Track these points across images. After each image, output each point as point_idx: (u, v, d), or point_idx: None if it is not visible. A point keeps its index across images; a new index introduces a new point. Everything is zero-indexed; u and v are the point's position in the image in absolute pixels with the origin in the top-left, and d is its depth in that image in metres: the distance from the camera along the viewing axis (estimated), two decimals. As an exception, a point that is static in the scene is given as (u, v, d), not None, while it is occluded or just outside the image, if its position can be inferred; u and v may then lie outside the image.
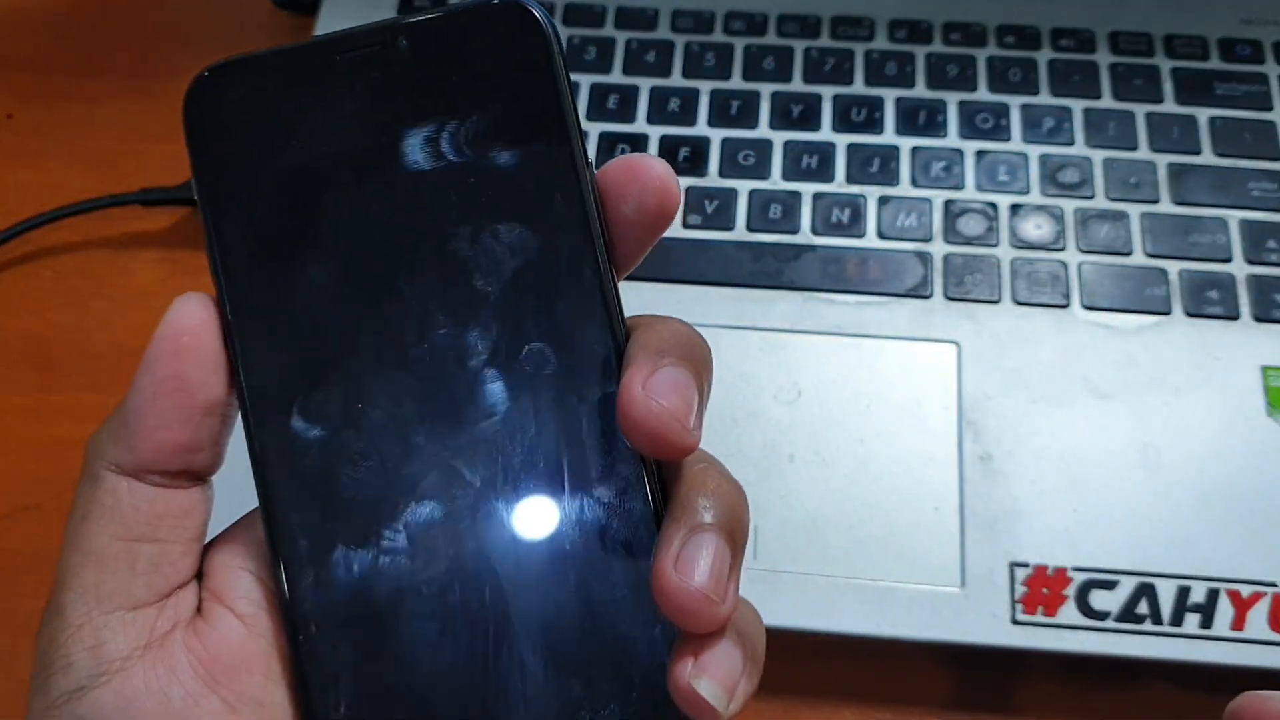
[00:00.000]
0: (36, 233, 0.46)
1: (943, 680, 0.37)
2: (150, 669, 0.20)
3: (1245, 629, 0.34)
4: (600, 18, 0.47)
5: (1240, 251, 0.41)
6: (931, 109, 0.45)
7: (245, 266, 0.21)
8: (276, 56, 0.22)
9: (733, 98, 0.45)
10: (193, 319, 0.21)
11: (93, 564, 0.20)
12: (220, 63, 0.22)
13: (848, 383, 0.39)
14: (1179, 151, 0.43)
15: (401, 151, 0.22)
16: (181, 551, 0.21)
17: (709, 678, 0.19)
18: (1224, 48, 0.46)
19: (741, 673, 0.19)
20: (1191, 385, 0.38)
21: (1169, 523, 0.36)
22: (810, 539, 0.36)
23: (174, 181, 0.46)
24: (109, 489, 0.20)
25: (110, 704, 0.19)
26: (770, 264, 0.41)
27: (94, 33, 0.53)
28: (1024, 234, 0.42)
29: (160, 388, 0.20)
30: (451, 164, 0.21)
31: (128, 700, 0.20)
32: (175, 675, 0.20)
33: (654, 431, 0.19)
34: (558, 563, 0.21)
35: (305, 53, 0.22)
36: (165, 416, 0.20)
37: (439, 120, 0.22)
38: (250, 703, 0.21)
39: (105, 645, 0.20)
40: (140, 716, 0.20)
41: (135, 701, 0.20)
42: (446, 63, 0.22)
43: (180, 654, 0.20)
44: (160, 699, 0.20)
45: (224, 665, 0.20)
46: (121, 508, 0.20)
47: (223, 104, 0.22)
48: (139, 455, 0.20)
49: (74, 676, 0.20)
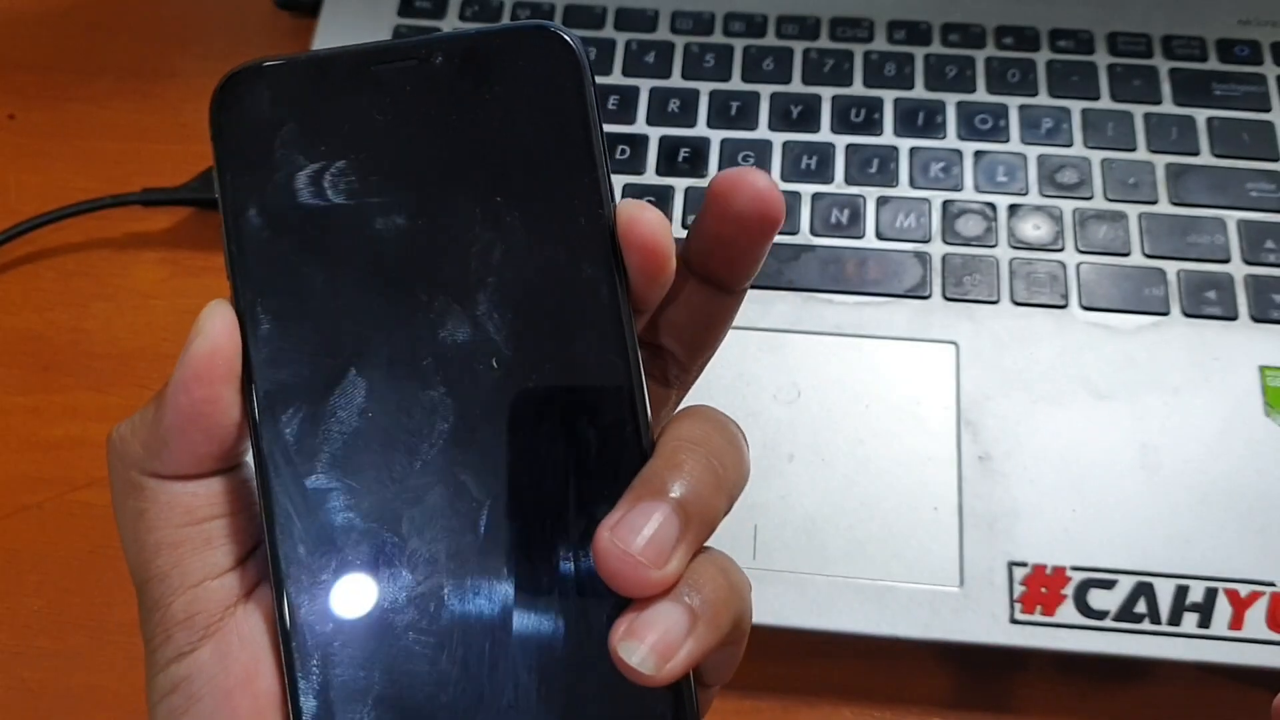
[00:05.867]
0: (38, 233, 0.46)
1: (941, 679, 0.37)
2: (244, 621, 0.21)
3: (1243, 628, 0.34)
4: (600, 19, 0.47)
5: (1238, 252, 0.41)
6: (930, 110, 0.45)
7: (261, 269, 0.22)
8: (310, 61, 0.22)
9: (732, 98, 0.45)
10: (224, 337, 0.21)
11: (166, 550, 0.21)
12: (251, 63, 0.22)
13: (847, 383, 0.39)
14: (1177, 152, 0.43)
15: (427, 166, 0.22)
16: (249, 517, 0.22)
17: (636, 640, 0.19)
18: (1222, 48, 0.46)
19: (685, 635, 0.19)
20: (1190, 385, 0.38)
21: (1167, 522, 0.36)
22: (809, 538, 0.36)
23: (175, 182, 0.46)
24: (155, 491, 0.21)
25: (208, 659, 0.21)
26: (770, 264, 0.41)
27: (94, 33, 0.53)
28: (1022, 234, 0.42)
29: (197, 409, 0.21)
30: (476, 183, 0.22)
31: (223, 654, 0.21)
32: (264, 624, 0.22)
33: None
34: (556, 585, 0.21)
35: (340, 60, 0.22)
36: (202, 435, 0.21)
37: (468, 138, 0.22)
38: None
39: (197, 615, 0.21)
40: (235, 666, 0.21)
41: (231, 653, 0.21)
42: (480, 82, 0.22)
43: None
44: (254, 647, 0.21)
45: None
46: (176, 502, 0.21)
47: (251, 105, 0.22)
48: (179, 468, 0.21)
49: (175, 646, 0.21)
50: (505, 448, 0.21)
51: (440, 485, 0.21)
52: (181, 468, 0.21)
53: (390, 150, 0.22)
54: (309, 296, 0.21)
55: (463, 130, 0.22)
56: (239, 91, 0.22)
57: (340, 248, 0.21)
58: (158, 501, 0.21)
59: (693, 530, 0.20)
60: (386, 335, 0.21)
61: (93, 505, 0.41)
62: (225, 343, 0.21)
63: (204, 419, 0.21)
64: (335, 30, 0.47)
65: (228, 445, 0.21)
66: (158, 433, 0.21)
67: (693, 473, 0.20)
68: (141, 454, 0.21)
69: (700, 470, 0.20)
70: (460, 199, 0.21)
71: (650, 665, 0.19)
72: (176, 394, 0.21)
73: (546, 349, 0.21)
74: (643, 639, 0.19)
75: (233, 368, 0.21)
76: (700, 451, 0.21)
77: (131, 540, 0.22)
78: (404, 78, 0.22)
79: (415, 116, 0.22)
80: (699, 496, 0.20)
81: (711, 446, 0.21)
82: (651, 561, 0.19)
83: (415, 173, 0.22)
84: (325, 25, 0.48)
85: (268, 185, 0.22)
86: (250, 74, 0.22)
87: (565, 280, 0.21)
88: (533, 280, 0.21)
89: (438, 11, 0.48)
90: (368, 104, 0.22)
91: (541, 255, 0.21)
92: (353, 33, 0.47)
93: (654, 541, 0.19)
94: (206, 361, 0.21)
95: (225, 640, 0.21)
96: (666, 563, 0.19)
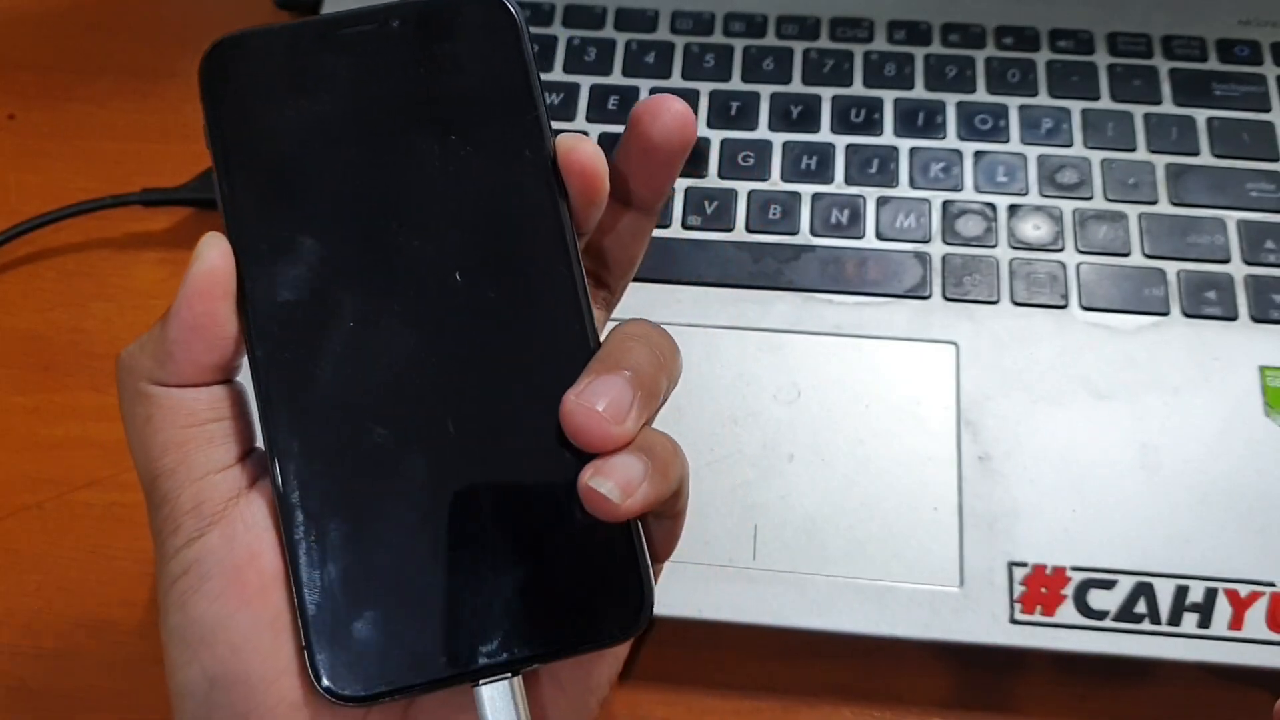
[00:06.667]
0: (38, 233, 0.46)
1: (941, 679, 0.37)
2: (246, 508, 0.24)
3: (1243, 629, 0.34)
4: (600, 19, 0.48)
5: (1238, 252, 0.41)
6: (930, 110, 0.45)
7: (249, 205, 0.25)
8: (285, 28, 0.25)
9: (732, 99, 0.45)
10: (221, 261, 0.24)
11: (173, 449, 0.24)
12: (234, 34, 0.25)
13: (847, 383, 0.39)
14: (1177, 152, 0.43)
15: (389, 114, 0.25)
16: (247, 422, 0.25)
17: (604, 476, 0.22)
18: (1222, 49, 0.46)
19: (642, 478, 0.23)
20: (1190, 385, 0.38)
21: (1167, 522, 0.36)
22: (809, 538, 0.36)
23: (175, 182, 0.46)
24: (161, 396, 0.24)
25: (216, 543, 0.23)
26: (770, 264, 0.41)
27: (94, 33, 0.53)
28: (1022, 235, 0.42)
29: (199, 321, 0.23)
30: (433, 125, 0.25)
31: (229, 537, 0.23)
32: (267, 512, 0.24)
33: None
34: (527, 458, 0.24)
35: (310, 27, 0.25)
36: (203, 345, 0.24)
37: (424, 88, 0.25)
38: None
39: (204, 503, 0.24)
40: (240, 547, 0.23)
41: (236, 535, 0.23)
42: (432, 40, 0.25)
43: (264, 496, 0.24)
44: (258, 529, 0.24)
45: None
46: (181, 406, 0.24)
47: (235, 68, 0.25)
48: (183, 376, 0.24)
49: (184, 534, 0.23)
50: (473, 345, 0.24)
51: (415, 377, 0.24)
52: (185, 376, 0.24)
53: (357, 101, 0.25)
54: (292, 227, 0.24)
55: (419, 82, 0.25)
56: (224, 56, 0.25)
57: (317, 185, 0.25)
58: (164, 407, 0.24)
59: (642, 397, 0.23)
60: (361, 257, 0.24)
61: (93, 505, 0.41)
62: (221, 265, 0.24)
63: (205, 330, 0.23)
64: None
65: (227, 356, 0.24)
66: (164, 345, 0.24)
67: (639, 354, 0.24)
68: (149, 365, 0.24)
69: (644, 353, 0.24)
70: (419, 140, 0.25)
71: (616, 495, 0.22)
72: (180, 309, 0.23)
73: (504, 261, 0.24)
74: (609, 476, 0.22)
75: (228, 287, 0.24)
76: (642, 341, 0.25)
77: (139, 445, 0.24)
78: (366, 40, 0.25)
79: (378, 71, 0.25)
80: (645, 372, 0.24)
81: (650, 339, 0.25)
82: (612, 419, 0.23)
83: (379, 119, 0.25)
84: (325, 25, 0.48)
85: (252, 134, 0.25)
86: (234, 41, 0.25)
87: (516, 202, 0.25)
88: (488, 204, 0.25)
89: (438, 11, 0.48)
90: (336, 62, 0.25)
91: (495, 182, 0.25)
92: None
93: (613, 403, 0.23)
94: (206, 281, 0.23)
95: (230, 525, 0.23)
96: (624, 420, 0.23)
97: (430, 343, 0.24)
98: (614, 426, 0.23)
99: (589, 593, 0.24)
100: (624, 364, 0.24)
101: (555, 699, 0.26)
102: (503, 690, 0.24)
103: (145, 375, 0.24)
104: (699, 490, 0.37)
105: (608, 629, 0.24)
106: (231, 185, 0.24)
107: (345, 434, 0.24)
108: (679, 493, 0.25)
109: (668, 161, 0.26)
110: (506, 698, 0.24)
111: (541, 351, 0.24)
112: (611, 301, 0.29)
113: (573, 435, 0.23)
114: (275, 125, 0.25)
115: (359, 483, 0.24)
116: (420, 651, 0.23)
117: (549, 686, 0.26)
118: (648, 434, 0.24)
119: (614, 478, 0.23)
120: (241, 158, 0.25)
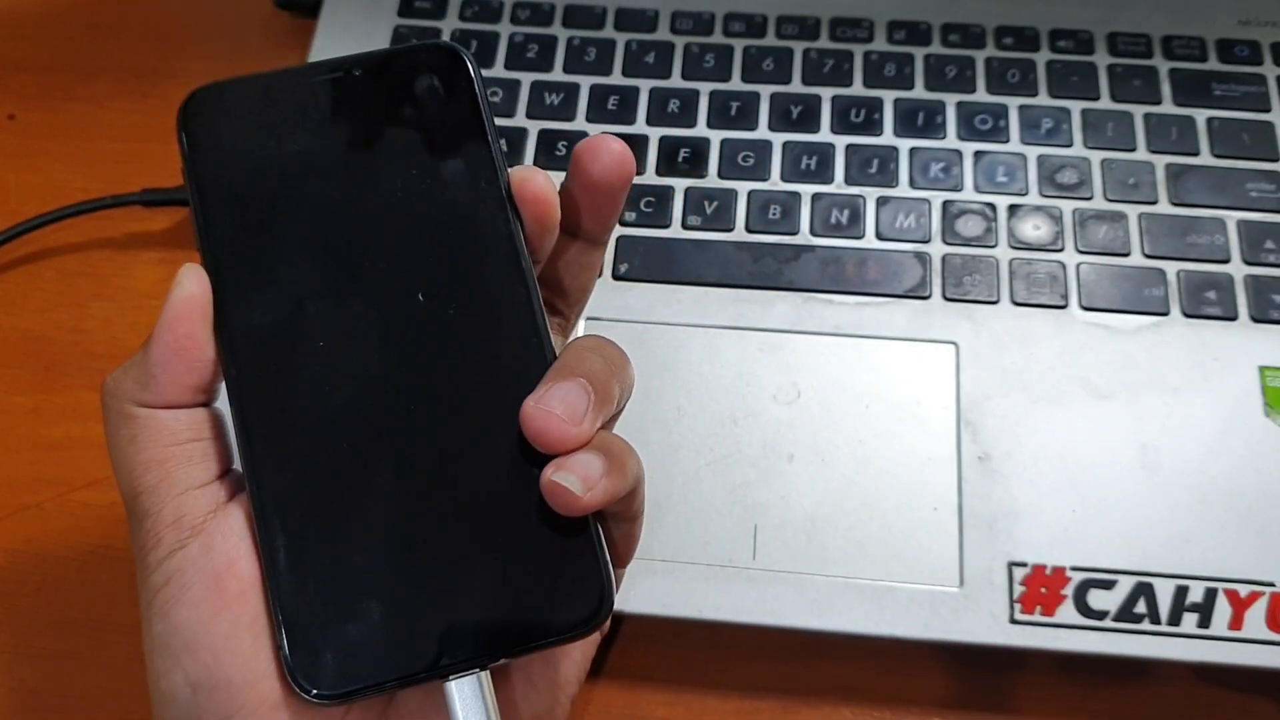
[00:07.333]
0: (38, 233, 0.46)
1: (941, 679, 0.37)
2: (225, 520, 0.25)
3: (1243, 629, 0.34)
4: (600, 19, 0.48)
5: (1238, 252, 0.41)
6: (930, 110, 0.45)
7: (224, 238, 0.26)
8: (257, 78, 0.27)
9: (732, 99, 0.45)
10: (198, 288, 0.25)
11: (155, 467, 0.25)
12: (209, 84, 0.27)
13: (847, 383, 0.39)
14: (1177, 152, 0.43)
15: (354, 152, 0.27)
16: (225, 443, 0.26)
17: (566, 470, 0.24)
18: (1222, 49, 0.46)
19: (601, 474, 0.24)
20: (1189, 385, 0.38)
21: (1167, 522, 0.36)
22: (809, 539, 0.36)
23: (175, 182, 0.46)
24: (145, 417, 0.25)
25: (195, 553, 0.24)
26: (769, 264, 0.41)
27: (94, 33, 0.53)
28: (1022, 235, 0.42)
29: (180, 344, 0.25)
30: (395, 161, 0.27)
31: (208, 547, 0.25)
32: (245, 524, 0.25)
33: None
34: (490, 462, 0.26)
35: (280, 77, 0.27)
36: (183, 366, 0.25)
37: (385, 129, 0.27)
38: None
39: (184, 517, 0.25)
40: (220, 555, 0.24)
41: (215, 545, 0.25)
42: (392, 87, 0.27)
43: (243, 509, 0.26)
44: (235, 539, 0.25)
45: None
46: (163, 426, 0.25)
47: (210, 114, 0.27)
48: (165, 397, 0.25)
49: (165, 546, 0.25)
50: (436, 361, 0.26)
51: (383, 392, 0.26)
52: (167, 397, 0.25)
53: (324, 141, 0.27)
54: (264, 258, 0.26)
55: (381, 123, 0.27)
56: (200, 103, 0.27)
57: (287, 219, 0.26)
58: (147, 427, 0.25)
59: (596, 401, 0.25)
60: (328, 283, 0.26)
61: (93, 505, 0.41)
62: (199, 292, 0.25)
63: (185, 352, 0.25)
64: (335, 31, 0.47)
65: (206, 377, 0.26)
66: (147, 368, 0.25)
67: (592, 363, 0.26)
68: (133, 388, 0.25)
69: (597, 362, 0.26)
70: (382, 174, 0.27)
71: (579, 488, 0.24)
72: (162, 334, 0.25)
73: (464, 283, 0.26)
74: (571, 470, 0.24)
75: (206, 312, 0.25)
76: (595, 352, 0.26)
77: (123, 464, 0.25)
78: (332, 86, 0.27)
79: (343, 115, 0.27)
80: (599, 379, 0.25)
81: (602, 350, 0.26)
82: (570, 420, 0.24)
83: (345, 157, 0.27)
84: (325, 26, 0.48)
85: (226, 174, 0.27)
86: (210, 90, 0.27)
87: (474, 229, 0.27)
88: (448, 232, 0.26)
89: (438, 12, 0.48)
90: (304, 106, 0.27)
91: (453, 212, 0.27)
92: (352, 33, 0.47)
93: (570, 406, 0.24)
94: (185, 306, 0.25)
95: (210, 537, 0.25)
96: (581, 422, 0.24)
97: (396, 360, 0.26)
98: (572, 428, 0.24)
99: (552, 590, 0.25)
100: (579, 371, 0.25)
101: (526, 694, 0.28)
102: (471, 685, 0.25)
103: (130, 398, 0.25)
104: (699, 490, 0.37)
105: (571, 625, 0.25)
106: (207, 220, 0.26)
107: (317, 445, 0.25)
108: (635, 492, 0.26)
109: (610, 198, 0.28)
110: (475, 692, 0.25)
111: (502, 365, 0.26)
112: (567, 328, 0.31)
113: (533, 438, 0.24)
114: (247, 165, 0.27)
115: (330, 490, 0.25)
116: (391, 650, 0.25)
117: (520, 683, 0.28)
118: (604, 436, 0.25)
119: (575, 472, 0.24)
120: (216, 195, 0.26)
